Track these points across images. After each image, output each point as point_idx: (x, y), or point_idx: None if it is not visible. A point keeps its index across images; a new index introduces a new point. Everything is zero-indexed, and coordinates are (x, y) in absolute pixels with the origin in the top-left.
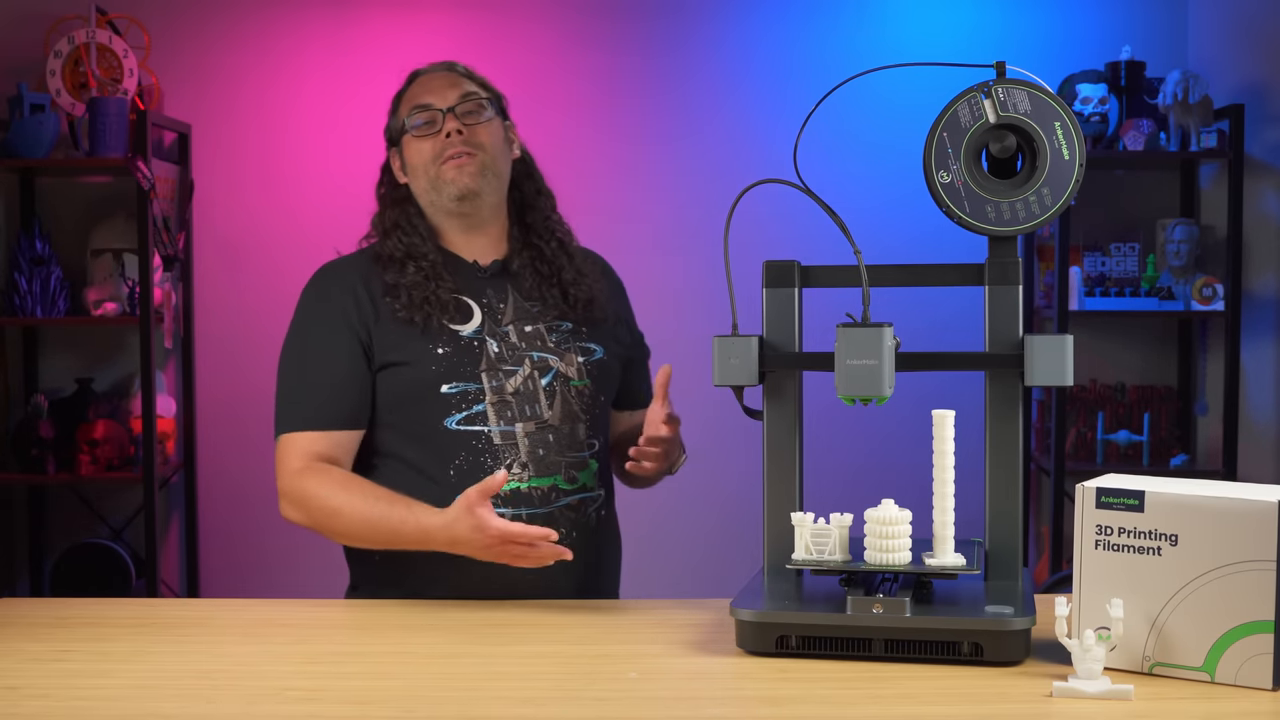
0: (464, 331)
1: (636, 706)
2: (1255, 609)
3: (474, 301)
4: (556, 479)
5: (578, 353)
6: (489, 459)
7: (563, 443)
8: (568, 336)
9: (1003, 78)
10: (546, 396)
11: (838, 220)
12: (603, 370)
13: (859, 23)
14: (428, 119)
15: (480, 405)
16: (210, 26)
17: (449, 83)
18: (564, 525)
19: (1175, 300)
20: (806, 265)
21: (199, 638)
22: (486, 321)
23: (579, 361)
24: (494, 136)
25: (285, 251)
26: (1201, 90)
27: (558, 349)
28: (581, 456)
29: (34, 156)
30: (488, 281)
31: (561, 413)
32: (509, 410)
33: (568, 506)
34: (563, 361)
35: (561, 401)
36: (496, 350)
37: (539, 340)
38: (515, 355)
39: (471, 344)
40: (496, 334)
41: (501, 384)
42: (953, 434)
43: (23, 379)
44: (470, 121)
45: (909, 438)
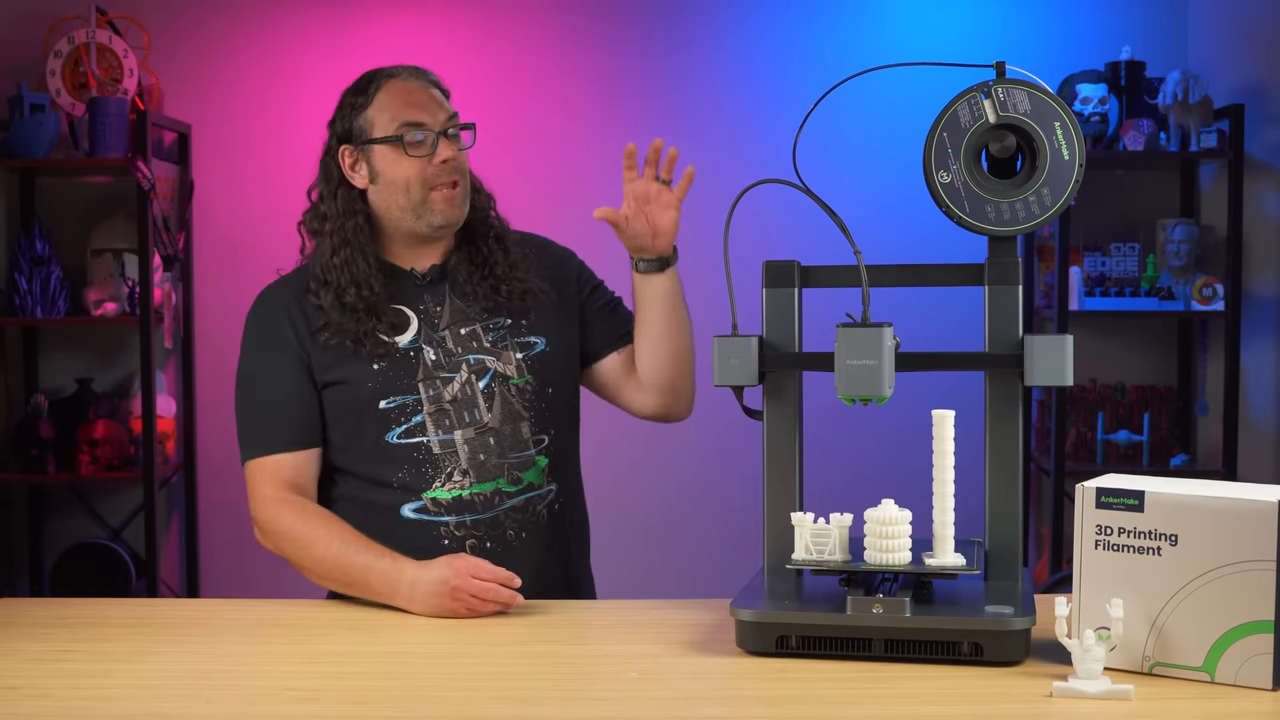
0: (400, 343)
1: (636, 706)
2: (1255, 609)
3: (411, 310)
4: (499, 482)
5: (516, 349)
6: (429, 469)
7: (504, 444)
8: (505, 333)
9: (1003, 78)
10: (485, 399)
11: (837, 220)
12: (546, 362)
13: (859, 23)
14: (420, 139)
15: (419, 416)
16: (210, 26)
17: (436, 100)
18: (511, 527)
19: (1175, 300)
20: (806, 265)
21: (199, 638)
22: (423, 329)
23: (518, 358)
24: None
25: (285, 251)
26: (1201, 90)
27: (494, 348)
28: (526, 455)
29: (34, 156)
30: (425, 288)
31: (502, 414)
32: (447, 418)
33: (513, 509)
34: (500, 360)
35: (501, 402)
36: (434, 358)
37: (475, 341)
38: (453, 361)
39: (408, 355)
40: (433, 340)
41: (439, 392)
42: (953, 434)
43: (23, 379)
44: (459, 147)
45: (909, 438)
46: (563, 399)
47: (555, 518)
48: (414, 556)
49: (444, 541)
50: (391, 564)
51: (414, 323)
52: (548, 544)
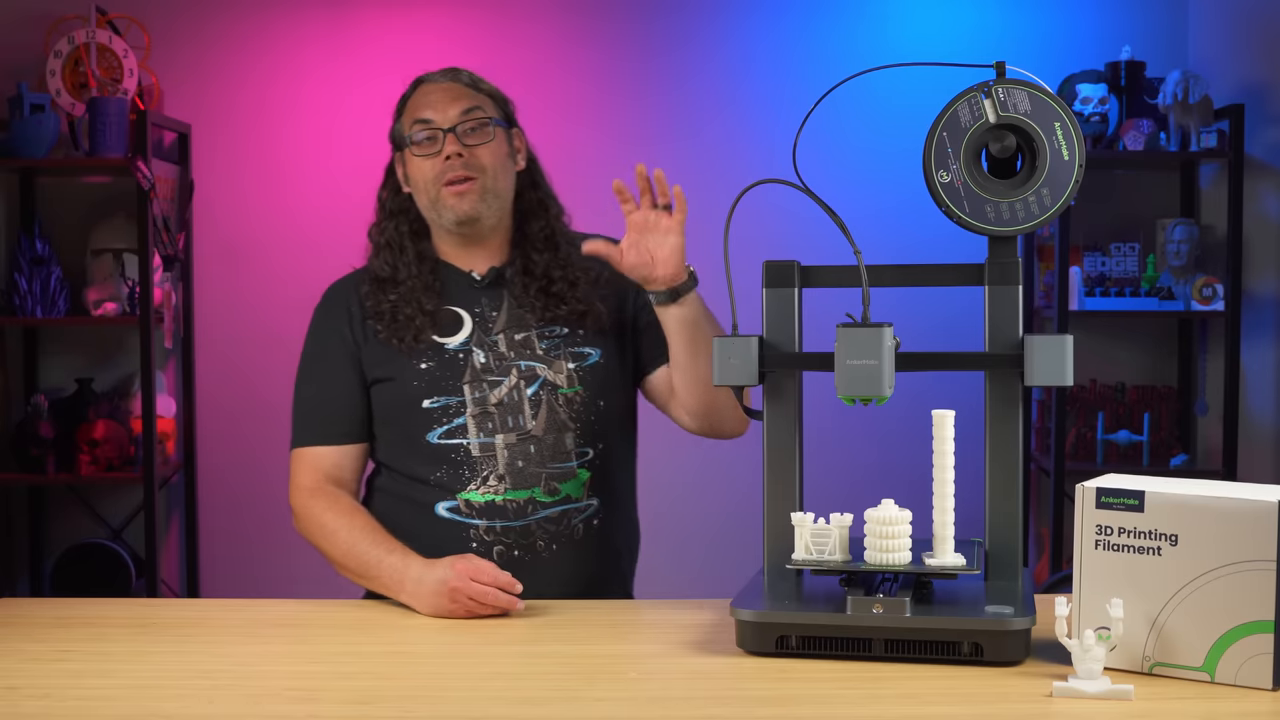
0: (450, 344)
1: (636, 706)
2: (1255, 609)
3: (466, 312)
4: (535, 491)
5: (569, 358)
6: (466, 471)
7: (545, 454)
8: (560, 342)
9: (1003, 78)
10: (531, 406)
11: (837, 220)
12: (599, 374)
13: (859, 23)
14: (428, 135)
15: (462, 418)
16: (210, 26)
17: (451, 96)
18: (541, 538)
19: (1175, 300)
20: (806, 265)
21: (199, 638)
22: (476, 331)
23: (569, 368)
24: (495, 155)
25: (285, 251)
26: (1201, 90)
27: (547, 356)
28: (567, 467)
29: (34, 156)
30: (482, 291)
31: (546, 422)
32: (490, 422)
33: (546, 519)
34: (551, 369)
35: (547, 411)
36: (483, 361)
37: (529, 348)
38: (503, 365)
39: (456, 356)
40: (485, 344)
41: (484, 395)
42: (953, 434)
43: (23, 379)
44: (472, 142)
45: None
46: (614, 413)
47: (591, 533)
48: (444, 556)
49: (473, 544)
50: (400, 560)
51: (468, 324)
52: (580, 558)
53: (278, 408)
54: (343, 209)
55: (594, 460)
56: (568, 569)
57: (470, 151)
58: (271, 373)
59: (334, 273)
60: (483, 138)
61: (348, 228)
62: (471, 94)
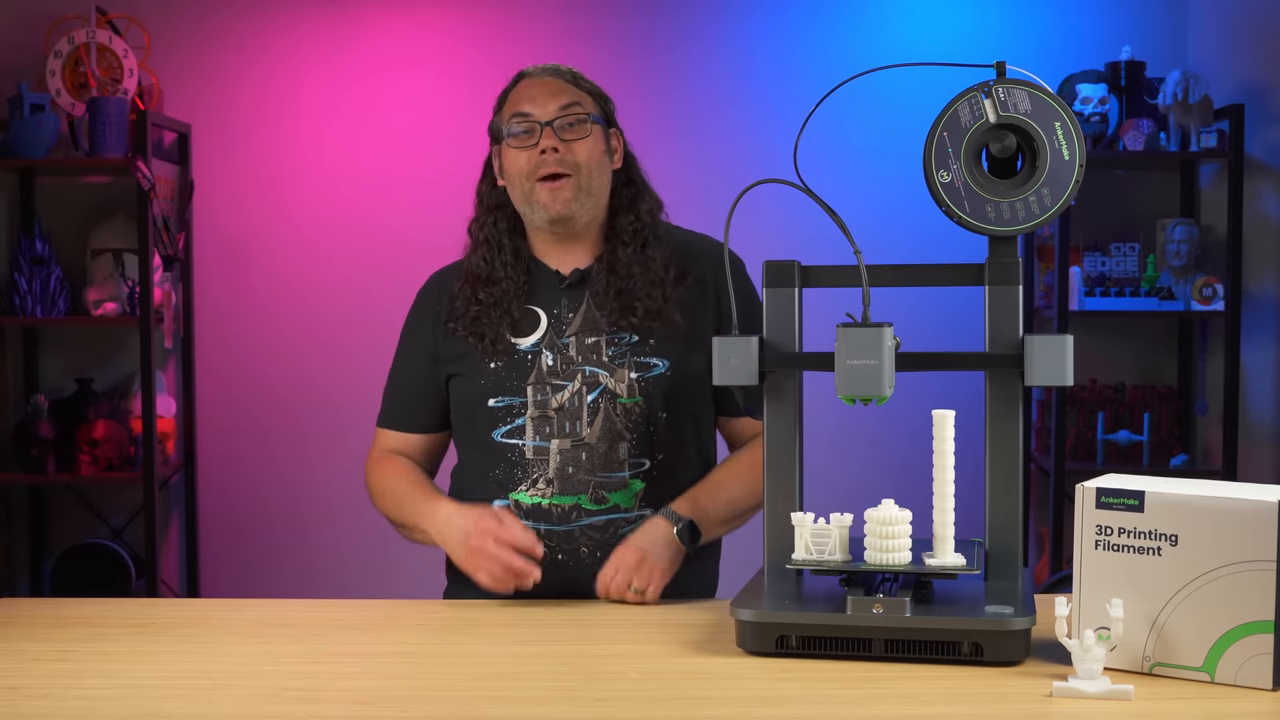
0: (522, 345)
1: (636, 706)
2: (1255, 609)
3: (544, 311)
4: (581, 498)
5: (633, 368)
6: (519, 471)
7: (596, 462)
8: (627, 350)
9: (1003, 78)
10: (589, 413)
11: (837, 220)
12: (663, 386)
13: (859, 23)
14: (526, 128)
15: (522, 419)
16: (210, 26)
17: (552, 91)
18: (585, 545)
19: (1175, 300)
20: (806, 265)
21: (199, 638)
22: (549, 333)
23: (632, 377)
24: (591, 152)
25: (285, 251)
26: (1201, 90)
27: (611, 363)
28: (619, 476)
29: (34, 156)
30: (565, 291)
31: (602, 431)
32: (548, 426)
33: (591, 526)
34: (613, 377)
35: (604, 419)
36: (550, 364)
37: (595, 354)
38: (569, 369)
39: (526, 358)
40: (556, 346)
41: (547, 399)
42: (953, 434)
43: (23, 379)
44: (569, 137)
45: (909, 438)
46: (677, 426)
47: None
48: None
49: None
50: (432, 503)
51: (543, 325)
52: None
53: (278, 408)
54: (343, 208)
55: (650, 471)
56: None
57: (566, 146)
58: (271, 373)
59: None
60: (580, 133)
61: (348, 227)
62: (572, 90)
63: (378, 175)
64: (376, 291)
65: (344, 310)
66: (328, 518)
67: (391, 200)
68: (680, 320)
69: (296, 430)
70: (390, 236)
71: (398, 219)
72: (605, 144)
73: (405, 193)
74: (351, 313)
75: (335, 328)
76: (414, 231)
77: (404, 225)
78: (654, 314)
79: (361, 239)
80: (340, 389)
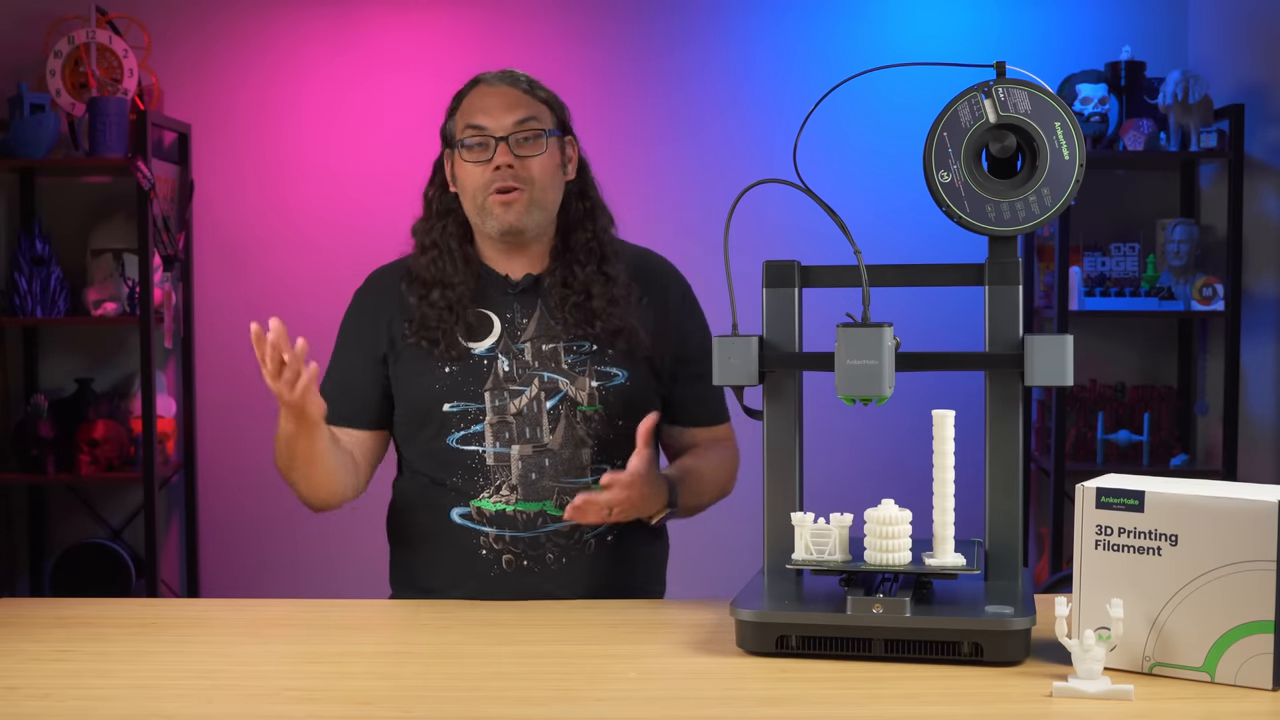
0: (476, 349)
1: (636, 706)
2: (1255, 609)
3: (497, 316)
4: (546, 504)
5: (593, 376)
6: (480, 478)
7: (560, 468)
8: (587, 359)
9: (1003, 78)
10: (550, 419)
11: (837, 220)
12: (622, 396)
13: (859, 23)
14: (480, 142)
15: (480, 425)
16: (210, 26)
17: (507, 103)
18: (551, 551)
19: (1175, 300)
20: (806, 265)
21: (199, 638)
22: (504, 338)
23: (592, 385)
24: (546, 167)
25: (285, 251)
26: (1201, 90)
27: (571, 371)
28: (581, 482)
29: (34, 156)
30: (516, 297)
31: (564, 437)
32: (507, 431)
33: (556, 533)
34: (573, 385)
35: (565, 425)
36: (506, 369)
37: (554, 360)
38: (525, 375)
39: (481, 362)
40: (511, 351)
41: (504, 404)
42: (953, 434)
43: (23, 379)
44: (523, 152)
45: (909, 438)
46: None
47: (606, 549)
48: (456, 561)
49: (482, 551)
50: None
51: (496, 329)
52: (591, 572)
53: (277, 408)
54: (343, 209)
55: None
56: (577, 580)
57: (521, 162)
58: None
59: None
60: (535, 149)
61: (348, 227)
62: (528, 101)
63: (378, 175)
64: None
65: (343, 309)
66: (327, 518)
67: (391, 200)
68: (644, 336)
69: None
70: (390, 237)
71: (397, 219)
72: (560, 156)
73: (405, 193)
74: None
75: (335, 327)
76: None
77: (404, 225)
78: (616, 331)
79: (361, 239)
80: None
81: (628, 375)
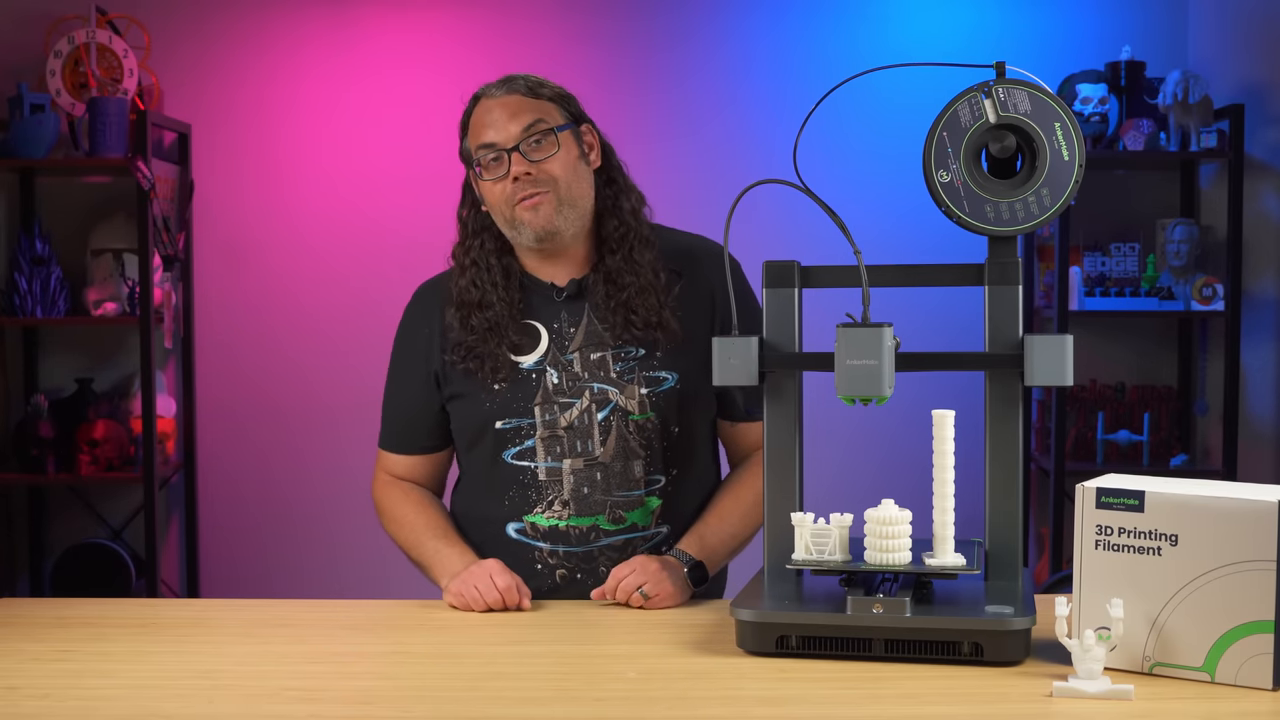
0: (525, 364)
1: (636, 706)
2: (1255, 609)
3: (544, 327)
4: (599, 519)
5: (643, 383)
6: (534, 494)
7: (612, 481)
8: (635, 365)
9: (1003, 78)
10: (601, 432)
11: (837, 220)
12: (674, 400)
13: (859, 23)
14: (495, 158)
15: (531, 440)
16: (210, 26)
17: (510, 112)
18: (604, 564)
19: (1175, 300)
20: (806, 265)
21: (199, 638)
22: (552, 350)
23: (642, 393)
24: (565, 164)
25: (285, 251)
26: (1201, 90)
27: (620, 379)
28: (635, 495)
29: (34, 156)
30: (563, 305)
31: (615, 449)
32: (559, 446)
33: (609, 546)
34: (623, 394)
35: (617, 437)
36: (556, 382)
37: (602, 370)
38: (575, 386)
39: (530, 376)
40: (559, 363)
41: (555, 418)
42: (953, 434)
43: (23, 379)
44: (537, 156)
45: (909, 438)
46: (690, 439)
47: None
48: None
49: (538, 565)
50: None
51: (544, 341)
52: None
53: (278, 408)
54: (343, 208)
55: (665, 487)
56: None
57: (538, 166)
58: (271, 373)
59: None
60: (548, 150)
61: (348, 227)
62: (531, 104)
63: (378, 175)
64: (376, 291)
65: (343, 310)
66: (327, 517)
67: (391, 200)
68: (677, 327)
69: (296, 430)
70: (390, 237)
71: (397, 219)
72: (578, 147)
73: (405, 193)
74: (351, 313)
75: (335, 327)
76: (414, 232)
77: (404, 225)
78: (652, 324)
79: (361, 239)
80: (340, 388)
81: (678, 378)
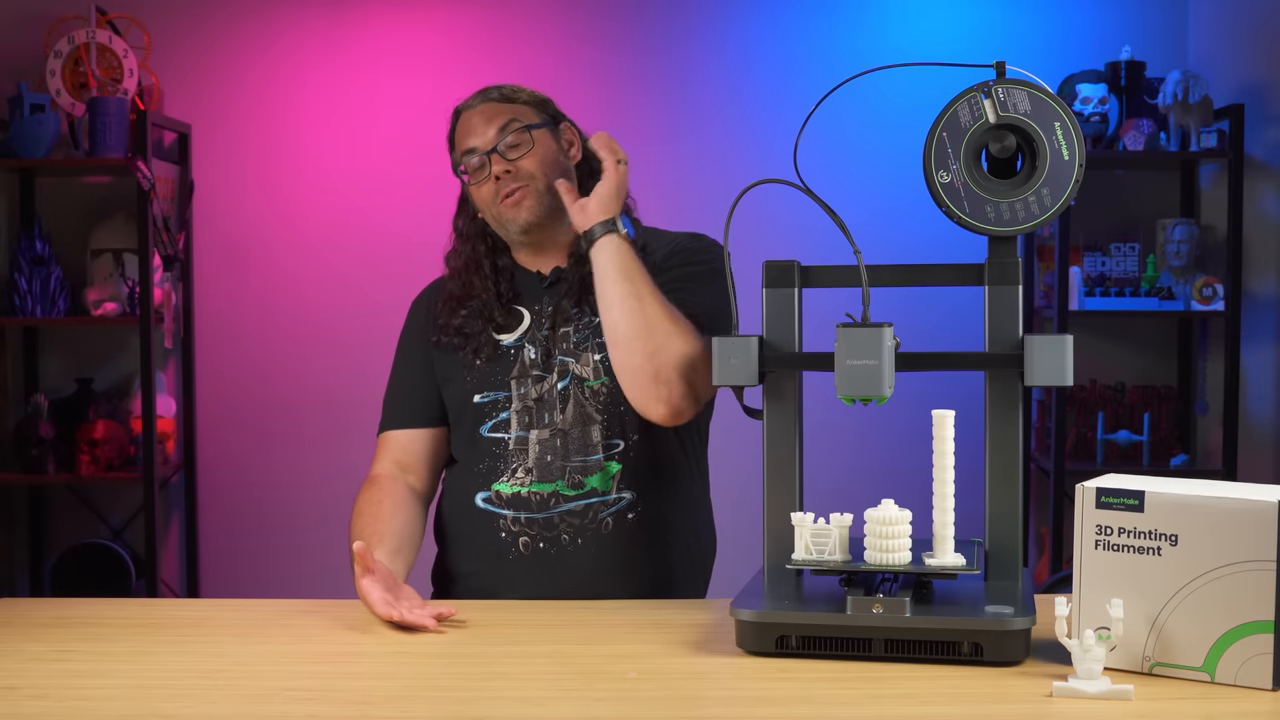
0: (506, 341)
1: (636, 706)
2: (1255, 609)
3: (527, 309)
4: (559, 484)
5: (595, 349)
6: (502, 464)
7: (571, 447)
8: (589, 333)
9: (1003, 78)
10: (560, 400)
11: (837, 220)
12: None
13: (859, 23)
14: (477, 164)
15: (507, 413)
16: (210, 26)
17: (486, 117)
18: (565, 532)
19: (1175, 300)
20: (806, 265)
21: (199, 638)
22: (531, 328)
23: (595, 360)
24: (542, 159)
25: (285, 251)
26: (1201, 90)
27: (575, 349)
28: (593, 460)
29: (34, 156)
30: (546, 290)
31: (574, 416)
32: (529, 416)
33: (569, 513)
34: (578, 362)
35: (574, 404)
36: (532, 356)
37: (565, 342)
38: (549, 361)
39: (508, 353)
40: (537, 340)
41: (528, 391)
42: (953, 434)
43: (23, 379)
44: (514, 155)
45: (909, 438)
46: None
47: (625, 527)
48: (479, 545)
49: (501, 534)
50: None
51: (525, 321)
52: (608, 553)
53: (278, 407)
54: (343, 208)
55: (626, 452)
56: (594, 563)
57: (515, 164)
58: (271, 372)
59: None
60: (524, 148)
61: (348, 227)
62: (506, 108)
63: (378, 175)
64: (376, 291)
65: (344, 309)
66: (328, 517)
67: (391, 200)
68: None
69: (297, 430)
70: (390, 236)
71: (398, 219)
72: (556, 144)
73: (405, 193)
74: (351, 312)
75: (335, 327)
76: (414, 231)
77: (404, 225)
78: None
79: (361, 239)
80: (340, 388)
81: None
